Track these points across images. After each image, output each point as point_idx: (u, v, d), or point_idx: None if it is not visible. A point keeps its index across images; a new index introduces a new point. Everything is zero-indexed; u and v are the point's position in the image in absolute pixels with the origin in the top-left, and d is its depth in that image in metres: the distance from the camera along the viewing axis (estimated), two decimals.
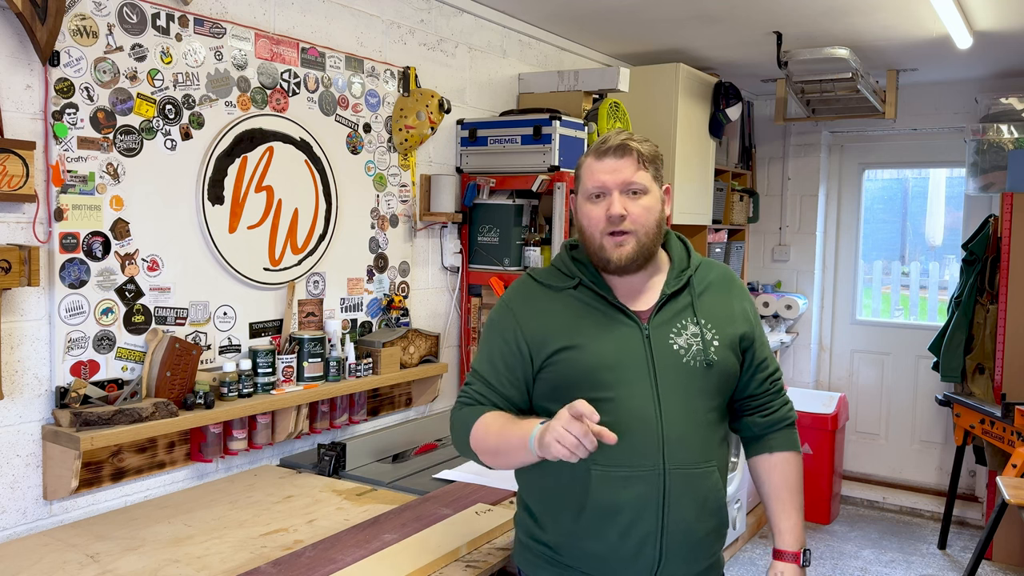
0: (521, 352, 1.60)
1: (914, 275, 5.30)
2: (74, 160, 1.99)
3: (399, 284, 3.00)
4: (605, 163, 1.57)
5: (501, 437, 1.54)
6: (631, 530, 1.52)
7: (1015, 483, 3.16)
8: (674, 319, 1.59)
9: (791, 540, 1.68)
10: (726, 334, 1.61)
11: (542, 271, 1.70)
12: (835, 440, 4.80)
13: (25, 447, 1.95)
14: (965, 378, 4.40)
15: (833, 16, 3.42)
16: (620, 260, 1.56)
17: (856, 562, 4.25)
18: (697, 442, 1.56)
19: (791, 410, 1.75)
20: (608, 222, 1.55)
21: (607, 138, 1.60)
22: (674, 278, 1.63)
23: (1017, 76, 4.58)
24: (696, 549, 1.57)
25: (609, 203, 1.55)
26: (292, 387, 2.45)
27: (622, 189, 1.56)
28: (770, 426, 1.71)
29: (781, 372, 1.75)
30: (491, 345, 1.66)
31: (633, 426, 1.52)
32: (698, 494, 1.55)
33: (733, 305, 1.67)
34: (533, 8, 3.36)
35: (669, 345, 1.57)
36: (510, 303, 1.66)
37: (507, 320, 1.64)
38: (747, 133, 5.29)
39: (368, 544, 1.87)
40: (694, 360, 1.57)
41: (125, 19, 2.08)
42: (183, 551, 1.84)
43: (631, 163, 1.56)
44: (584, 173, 1.61)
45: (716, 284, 1.68)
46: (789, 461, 1.71)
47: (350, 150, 2.76)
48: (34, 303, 1.95)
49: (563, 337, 1.57)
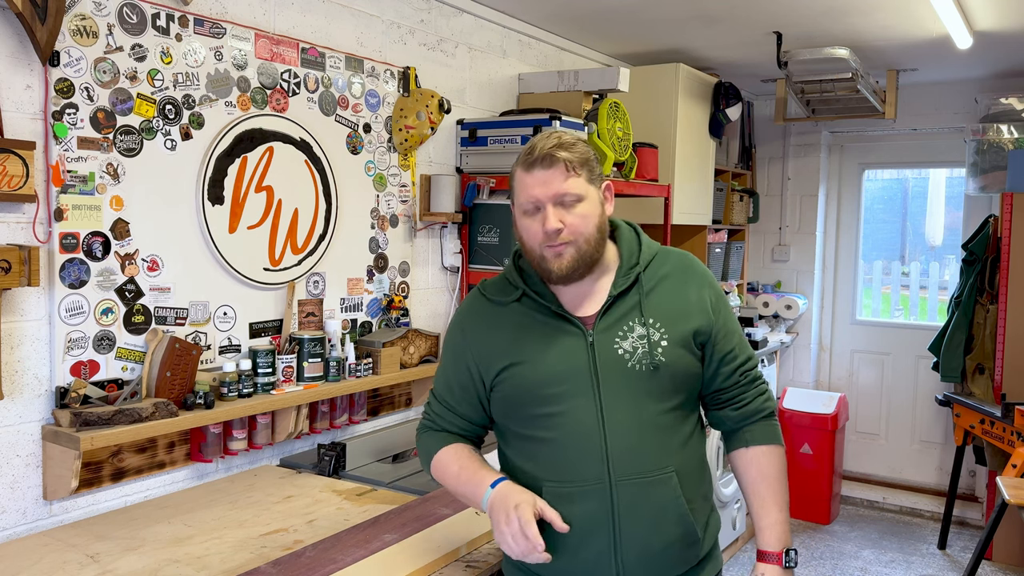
0: (472, 373, 1.60)
1: (914, 275, 5.31)
2: (74, 160, 1.99)
3: (399, 284, 3.00)
4: (535, 175, 1.50)
5: (457, 482, 1.58)
6: (582, 547, 1.49)
7: (1015, 483, 3.16)
8: (620, 322, 1.53)
9: (772, 539, 1.59)
10: (677, 331, 1.54)
11: (491, 284, 1.66)
12: (835, 440, 4.80)
13: (25, 447, 1.95)
14: (965, 378, 4.40)
15: (833, 16, 3.42)
16: (561, 271, 1.51)
17: (856, 562, 4.25)
18: (648, 449, 1.50)
19: (767, 400, 1.65)
20: (545, 236, 1.50)
21: (534, 146, 1.52)
22: (621, 277, 1.57)
23: (1017, 76, 4.58)
24: (657, 562, 1.52)
25: (544, 217, 1.49)
26: (292, 387, 2.45)
27: (555, 201, 1.49)
28: (744, 419, 1.63)
29: (755, 361, 1.66)
30: (446, 366, 1.66)
31: (576, 441, 1.49)
32: (652, 505, 1.49)
33: (689, 297, 1.58)
34: (533, 8, 3.36)
35: (614, 351, 1.51)
36: (461, 323, 1.65)
37: (458, 341, 1.64)
38: (747, 133, 5.29)
39: (368, 544, 1.87)
40: (639, 364, 1.51)
41: (125, 19, 2.08)
42: (183, 551, 1.84)
43: (560, 173, 1.49)
44: (516, 186, 1.55)
45: (671, 276, 1.60)
46: (767, 454, 1.62)
47: (350, 150, 2.76)
48: (34, 303, 1.95)
49: (507, 355, 1.54)
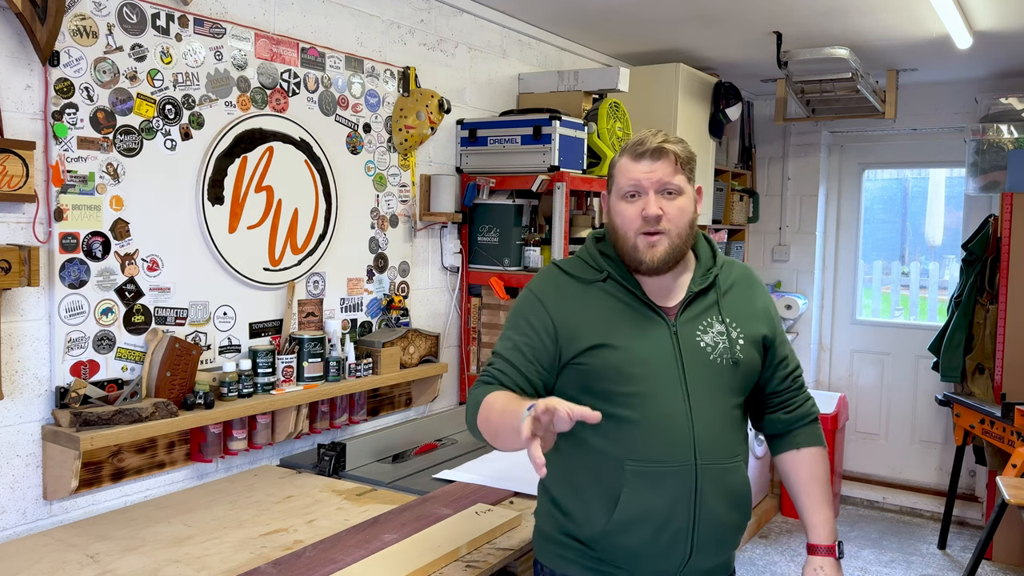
0: (548, 341, 1.59)
1: (914, 275, 5.30)
2: (74, 160, 1.99)
3: (399, 284, 3.00)
4: (642, 164, 1.57)
5: (501, 418, 1.47)
6: (665, 527, 1.53)
7: (1015, 483, 3.16)
8: (700, 317, 1.61)
9: (825, 534, 1.69)
10: (750, 332, 1.63)
11: (569, 262, 1.69)
12: (835, 440, 4.80)
13: (25, 447, 1.95)
14: (965, 378, 4.40)
15: (833, 16, 3.42)
16: (653, 261, 1.56)
17: (856, 562, 4.25)
18: (725, 438, 1.58)
19: (814, 406, 1.76)
20: (643, 222, 1.55)
21: (644, 139, 1.59)
22: (700, 276, 1.65)
23: (1017, 76, 4.58)
24: (723, 541, 1.59)
25: (645, 203, 1.56)
26: (292, 387, 2.45)
27: (658, 189, 1.56)
28: (794, 422, 1.73)
29: (802, 369, 1.77)
30: (517, 332, 1.63)
31: (664, 423, 1.53)
32: (727, 489, 1.57)
33: (756, 303, 1.69)
34: (533, 8, 3.36)
35: (696, 342, 1.58)
36: (539, 293, 1.64)
37: (536, 310, 1.62)
38: (747, 133, 5.29)
39: (368, 544, 1.87)
40: (721, 357, 1.58)
41: (125, 19, 2.08)
42: (183, 551, 1.83)
43: (668, 164, 1.56)
44: (618, 172, 1.60)
45: (739, 283, 1.70)
46: (816, 456, 1.72)
47: (350, 150, 2.76)
48: (34, 303, 1.95)
49: (596, 334, 1.56)
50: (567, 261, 1.70)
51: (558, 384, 1.62)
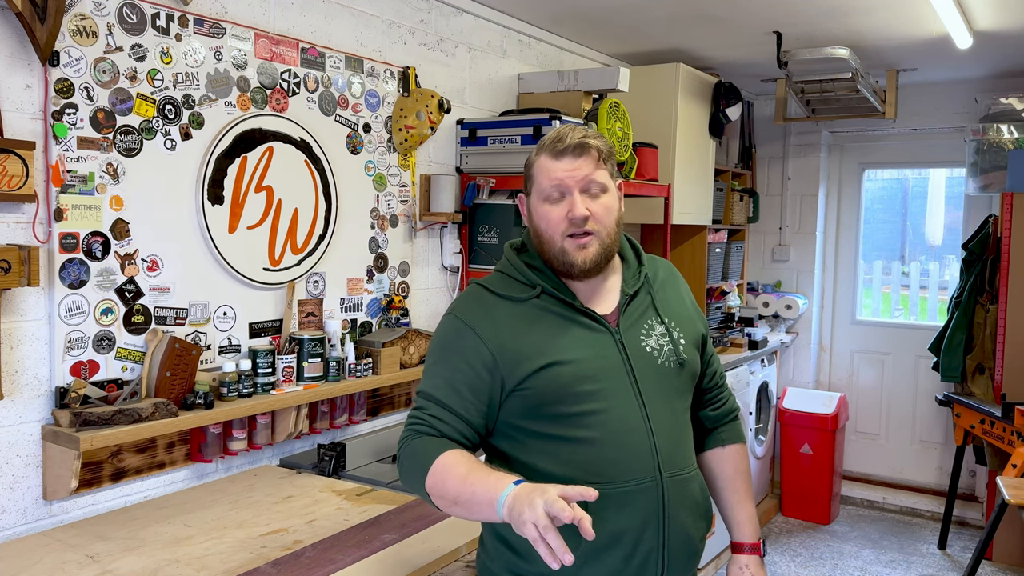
0: (489, 375, 1.45)
1: (914, 275, 5.31)
2: (74, 160, 1.99)
3: (399, 284, 3.00)
4: (564, 162, 1.47)
5: (465, 487, 1.33)
6: (635, 550, 1.44)
7: (1015, 483, 3.16)
8: (640, 320, 1.53)
9: (749, 531, 1.65)
10: (689, 332, 1.58)
11: (495, 280, 1.55)
12: (835, 440, 4.80)
13: (25, 447, 1.95)
14: (965, 378, 4.41)
15: (833, 16, 3.42)
16: (585, 263, 1.47)
17: (856, 562, 4.25)
18: (682, 446, 1.52)
19: (736, 402, 1.74)
20: (570, 223, 1.46)
21: (563, 135, 1.48)
22: (631, 277, 1.57)
23: (1017, 76, 4.58)
24: (693, 555, 1.53)
25: (570, 204, 1.46)
26: (292, 387, 2.45)
27: (582, 188, 1.47)
28: (721, 418, 1.69)
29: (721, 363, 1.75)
30: (448, 367, 1.47)
31: (624, 438, 1.44)
32: (692, 500, 1.51)
33: (686, 300, 1.64)
34: (533, 8, 3.36)
35: (642, 348, 1.50)
36: (468, 320, 1.49)
37: (468, 340, 1.47)
38: (747, 133, 5.29)
39: (368, 544, 1.87)
40: (667, 361, 1.52)
41: (125, 19, 2.08)
42: (183, 551, 1.83)
43: (591, 161, 1.47)
44: (538, 172, 1.50)
45: (667, 280, 1.64)
46: (740, 452, 1.69)
47: (350, 150, 2.76)
48: (34, 303, 1.95)
49: (541, 354, 1.44)
50: (492, 279, 1.56)
51: (499, 416, 1.48)
